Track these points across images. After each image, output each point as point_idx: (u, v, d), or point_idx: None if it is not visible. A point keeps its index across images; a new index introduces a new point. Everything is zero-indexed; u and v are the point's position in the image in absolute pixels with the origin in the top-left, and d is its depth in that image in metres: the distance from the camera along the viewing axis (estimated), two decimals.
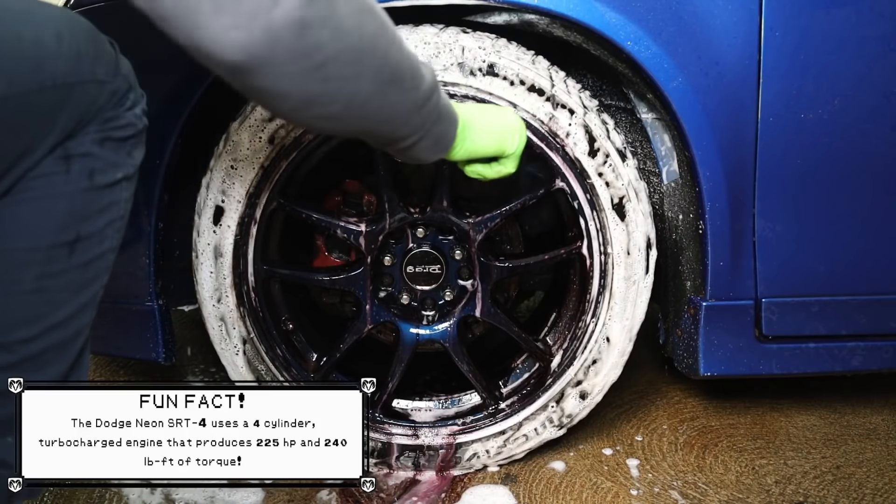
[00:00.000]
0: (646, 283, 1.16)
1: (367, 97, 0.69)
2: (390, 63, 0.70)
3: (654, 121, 1.17)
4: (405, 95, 0.74)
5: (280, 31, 0.57)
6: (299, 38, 0.58)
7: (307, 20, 0.58)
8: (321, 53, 0.61)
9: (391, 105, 0.72)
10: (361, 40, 0.64)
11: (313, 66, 0.61)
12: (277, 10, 0.56)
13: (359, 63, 0.65)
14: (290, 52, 0.59)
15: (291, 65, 0.60)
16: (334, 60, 0.63)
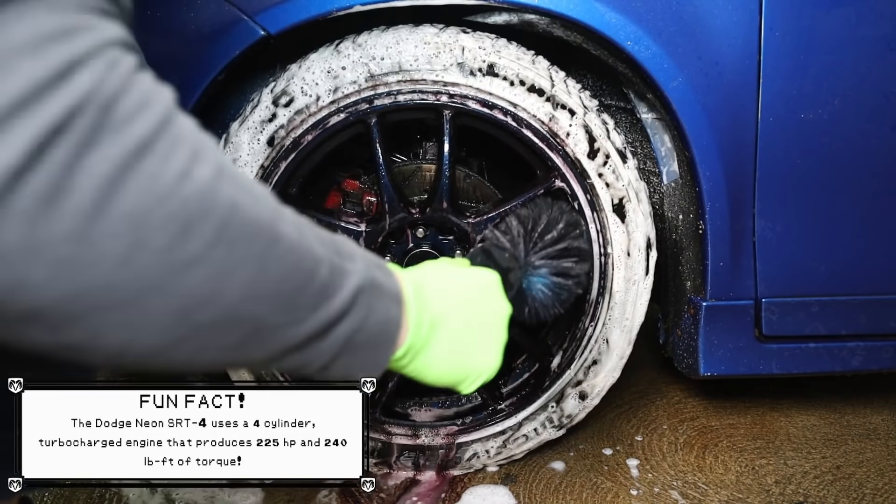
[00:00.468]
0: (646, 285, 1.16)
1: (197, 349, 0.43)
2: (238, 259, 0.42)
3: (654, 121, 1.17)
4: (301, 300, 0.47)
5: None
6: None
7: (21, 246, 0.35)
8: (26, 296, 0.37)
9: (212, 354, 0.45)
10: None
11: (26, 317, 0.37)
12: None
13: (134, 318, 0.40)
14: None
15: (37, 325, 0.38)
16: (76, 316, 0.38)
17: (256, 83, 1.16)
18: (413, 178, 1.25)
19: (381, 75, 1.05)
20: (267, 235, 0.43)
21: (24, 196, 0.34)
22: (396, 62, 1.04)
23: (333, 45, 1.06)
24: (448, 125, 1.10)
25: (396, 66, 1.04)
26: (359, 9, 1.02)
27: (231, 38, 1.02)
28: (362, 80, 1.05)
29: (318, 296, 0.48)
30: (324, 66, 1.05)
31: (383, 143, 1.10)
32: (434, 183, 1.17)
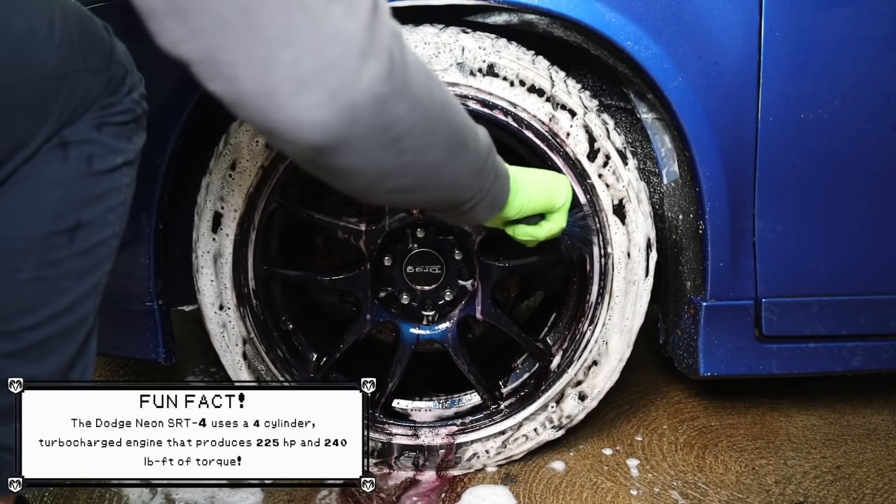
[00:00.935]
0: (645, 286, 1.16)
1: (437, 165, 0.69)
2: (456, 129, 0.70)
3: (654, 121, 1.17)
4: (469, 159, 0.74)
5: (361, 107, 0.56)
6: (379, 114, 0.57)
7: (386, 95, 0.57)
8: (399, 127, 0.60)
9: (458, 170, 0.73)
10: (433, 110, 0.64)
11: (391, 140, 0.60)
12: (359, 86, 0.55)
13: (432, 132, 0.65)
14: (371, 127, 0.58)
15: (371, 141, 0.59)
16: (410, 132, 0.62)
17: None
18: None
19: None
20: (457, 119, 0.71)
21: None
22: None
23: None
24: None
25: None
26: None
27: None
28: None
29: (477, 140, 0.76)
30: None
31: None
32: None
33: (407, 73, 0.59)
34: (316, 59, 0.53)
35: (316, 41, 0.52)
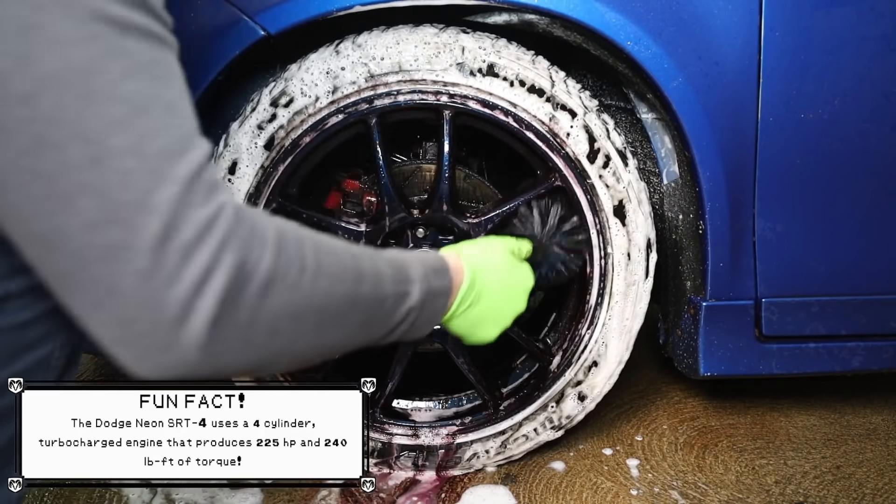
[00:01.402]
0: (645, 288, 1.16)
1: (326, 350, 0.65)
2: (338, 306, 0.62)
3: (654, 121, 1.17)
4: (373, 325, 0.69)
5: (176, 368, 0.52)
6: (201, 368, 0.53)
7: (203, 359, 0.52)
8: (236, 366, 0.56)
9: (344, 339, 0.66)
10: (284, 343, 0.58)
11: (234, 372, 0.57)
12: (174, 351, 0.51)
13: (298, 328, 0.59)
14: (201, 373, 0.54)
15: (227, 371, 0.56)
16: (257, 366, 0.58)
17: (257, 83, 1.16)
18: (413, 178, 1.25)
19: (381, 75, 1.05)
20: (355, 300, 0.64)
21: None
22: (396, 62, 1.04)
23: (333, 46, 1.06)
24: (448, 125, 1.10)
25: (396, 67, 1.04)
26: (359, 9, 1.02)
27: (231, 37, 1.02)
28: (362, 80, 1.05)
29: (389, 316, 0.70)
30: (323, 66, 1.05)
31: (383, 144, 1.10)
32: (434, 183, 1.17)
33: (242, 326, 0.54)
34: (121, 329, 0.51)
35: (121, 315, 0.50)
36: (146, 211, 0.49)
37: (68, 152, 0.48)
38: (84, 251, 0.49)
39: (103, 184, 0.48)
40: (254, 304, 0.54)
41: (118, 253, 0.49)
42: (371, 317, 0.67)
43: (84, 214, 0.48)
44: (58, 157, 0.47)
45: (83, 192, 0.48)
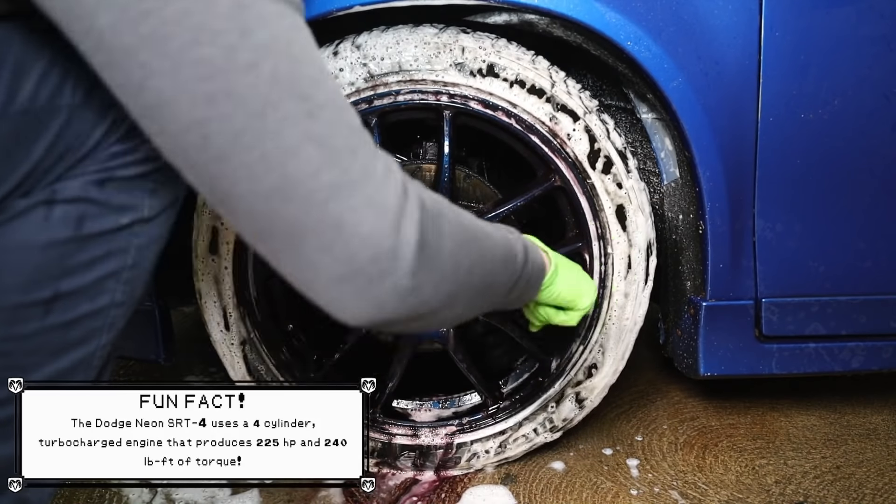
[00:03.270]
0: (645, 293, 1.16)
1: (475, 308, 0.75)
2: (488, 280, 0.73)
3: (654, 121, 1.17)
4: (502, 287, 0.78)
5: (387, 301, 0.60)
6: (405, 304, 0.61)
7: (411, 287, 0.61)
8: (426, 307, 0.64)
9: (492, 299, 0.78)
10: (461, 280, 0.68)
11: (419, 316, 0.65)
12: (384, 284, 0.59)
13: (462, 298, 0.69)
14: (400, 313, 0.62)
15: (406, 321, 0.64)
16: (438, 309, 0.66)
17: None
18: (413, 178, 1.25)
19: (381, 76, 1.05)
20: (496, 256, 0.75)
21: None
22: (396, 62, 1.04)
23: (332, 46, 1.06)
24: (448, 125, 1.10)
25: (396, 67, 1.04)
26: (358, 9, 1.02)
27: None
28: (361, 80, 1.05)
29: (512, 264, 0.79)
30: (326, 64, 1.05)
31: (383, 144, 1.10)
32: (434, 183, 1.17)
33: (437, 258, 0.63)
34: (345, 265, 0.58)
35: (346, 251, 0.57)
36: (355, 154, 0.58)
37: (289, 108, 0.55)
38: (313, 194, 0.56)
39: (320, 132, 0.56)
40: (437, 229, 0.63)
41: (340, 191, 0.56)
42: (506, 260, 0.77)
43: (310, 161, 0.55)
44: (281, 114, 0.54)
45: (307, 142, 0.55)
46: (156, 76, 0.52)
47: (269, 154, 0.55)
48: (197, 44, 0.52)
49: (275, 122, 0.54)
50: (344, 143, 0.58)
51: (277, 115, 0.54)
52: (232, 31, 0.53)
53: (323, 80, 0.58)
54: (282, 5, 0.57)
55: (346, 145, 0.58)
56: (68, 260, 0.62)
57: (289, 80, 0.55)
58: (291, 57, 0.56)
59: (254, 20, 0.54)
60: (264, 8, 0.55)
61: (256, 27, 0.54)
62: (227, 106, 0.53)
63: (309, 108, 0.56)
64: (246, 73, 0.53)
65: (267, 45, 0.54)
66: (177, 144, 0.55)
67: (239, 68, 0.53)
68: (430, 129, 1.27)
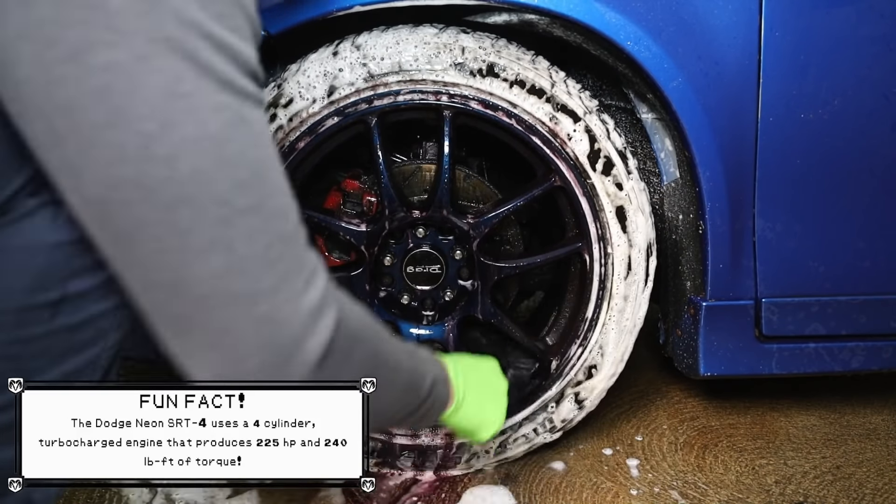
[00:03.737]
0: (645, 295, 1.16)
1: (390, 399, 0.76)
2: (382, 407, 0.74)
3: (654, 121, 1.17)
4: (396, 414, 0.79)
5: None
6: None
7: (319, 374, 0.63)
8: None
9: (382, 421, 0.78)
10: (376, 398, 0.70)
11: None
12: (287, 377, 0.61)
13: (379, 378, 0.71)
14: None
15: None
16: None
17: None
18: (413, 178, 1.25)
19: (381, 76, 1.05)
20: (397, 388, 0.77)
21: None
22: (396, 62, 1.04)
23: (332, 46, 1.06)
24: (448, 125, 1.10)
25: (396, 67, 1.04)
26: (358, 9, 1.02)
27: None
28: (361, 80, 1.05)
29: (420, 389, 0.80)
30: (322, 66, 1.05)
31: (383, 144, 1.10)
32: (434, 183, 1.17)
33: (334, 375, 0.64)
34: (231, 366, 0.58)
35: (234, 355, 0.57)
36: (270, 266, 0.56)
37: (203, 210, 0.52)
38: (209, 298, 0.54)
39: (231, 240, 0.54)
40: (346, 352, 0.64)
41: (238, 302, 0.55)
42: (407, 391, 0.78)
43: (213, 266, 0.54)
44: (193, 214, 0.52)
45: (214, 247, 0.53)
46: (65, 145, 0.50)
47: (169, 250, 0.53)
48: (111, 126, 0.49)
49: (184, 220, 0.52)
50: (259, 253, 0.55)
51: (188, 214, 0.52)
52: (152, 120, 0.50)
53: (256, 183, 0.55)
54: (227, 97, 0.53)
55: (260, 256, 0.55)
56: (75, 261, 0.60)
57: (209, 181, 0.52)
58: (219, 157, 0.53)
59: (182, 112, 0.51)
60: (201, 100, 0.52)
61: (184, 120, 0.51)
62: (132, 194, 0.51)
63: (225, 214, 0.53)
64: (160, 166, 0.50)
65: (191, 140, 0.51)
66: (80, 211, 0.53)
67: (153, 160, 0.50)
68: (429, 129, 1.27)
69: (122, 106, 0.49)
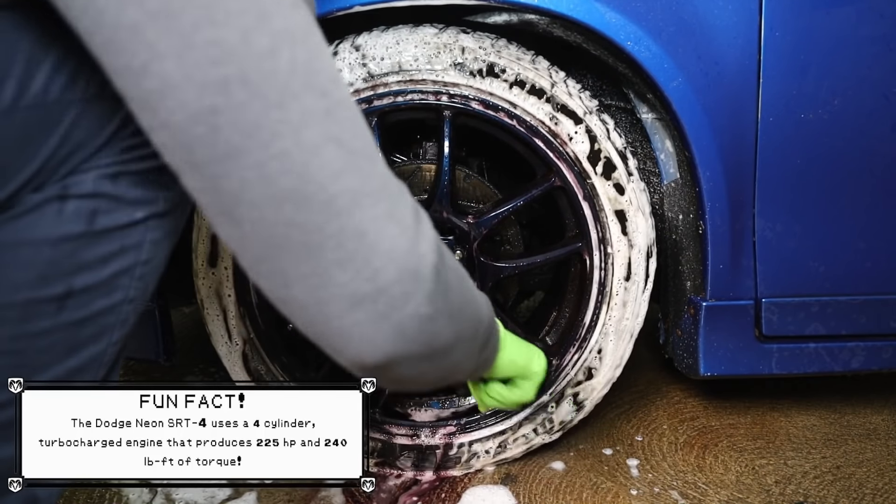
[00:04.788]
0: (644, 296, 1.16)
1: (461, 361, 0.71)
2: (475, 323, 0.71)
3: (654, 121, 1.17)
4: (477, 343, 0.75)
5: (408, 327, 0.57)
6: (423, 331, 0.59)
7: (430, 314, 0.58)
8: (438, 341, 0.62)
9: (469, 357, 0.74)
10: (465, 319, 0.67)
11: (431, 353, 0.63)
12: (407, 308, 0.56)
13: (462, 341, 0.68)
14: (415, 344, 0.59)
15: (415, 357, 0.61)
16: (446, 348, 0.64)
17: None
18: (413, 178, 1.25)
19: (381, 76, 1.05)
20: (475, 310, 0.72)
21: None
22: (396, 62, 1.04)
23: (332, 46, 1.06)
24: (448, 125, 1.10)
25: (396, 67, 1.04)
26: (358, 9, 1.02)
27: None
28: (361, 80, 1.05)
29: (484, 323, 0.75)
30: None
31: (383, 144, 1.10)
32: (434, 183, 1.17)
33: (447, 288, 0.61)
34: (368, 282, 0.54)
35: (369, 266, 0.54)
36: (373, 161, 0.54)
37: (310, 104, 0.51)
38: (335, 199, 0.52)
39: (339, 133, 0.52)
40: (443, 257, 0.61)
41: (362, 199, 0.52)
42: (480, 308, 0.74)
43: (331, 163, 0.51)
44: (301, 108, 0.50)
45: (328, 141, 0.51)
46: (162, 58, 0.47)
47: (288, 152, 0.50)
48: (210, 23, 0.47)
49: (295, 115, 0.50)
50: (363, 148, 0.54)
51: (297, 109, 0.50)
52: (249, 13, 0.48)
53: (339, 78, 0.54)
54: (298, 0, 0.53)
55: (364, 151, 0.54)
56: (81, 256, 0.60)
57: (308, 72, 0.51)
58: (311, 48, 0.52)
59: (272, 4, 0.50)
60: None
61: (275, 12, 0.50)
62: (242, 94, 0.48)
63: (328, 106, 0.52)
64: (264, 59, 0.49)
65: (287, 31, 0.50)
66: (180, 139, 0.49)
67: (256, 53, 0.48)
68: (429, 129, 1.27)
69: (217, 1, 0.47)
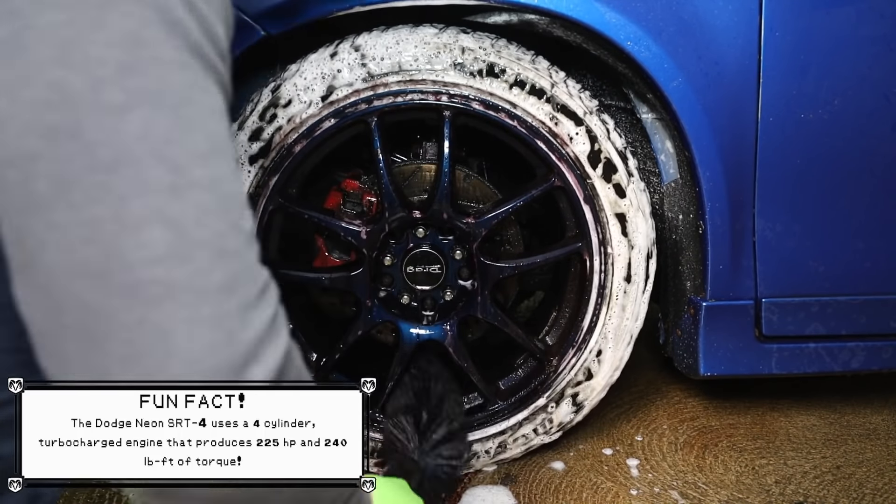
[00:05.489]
0: (644, 297, 1.16)
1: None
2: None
3: (654, 121, 1.17)
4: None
5: None
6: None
7: None
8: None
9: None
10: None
11: None
12: None
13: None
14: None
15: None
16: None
17: (258, 83, 1.16)
18: (413, 178, 1.25)
19: (381, 76, 1.05)
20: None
21: None
22: (396, 62, 1.04)
23: (331, 47, 1.06)
24: (448, 125, 1.10)
25: (396, 67, 1.04)
26: (358, 9, 1.02)
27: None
28: (360, 81, 1.05)
29: None
30: (322, 67, 1.05)
31: (383, 144, 1.10)
32: (434, 183, 1.17)
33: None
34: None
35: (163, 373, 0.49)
36: (220, 258, 0.46)
37: (149, 175, 0.44)
38: (142, 287, 0.44)
39: (179, 216, 0.44)
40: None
41: (181, 296, 0.45)
42: None
43: (153, 245, 0.44)
44: (136, 177, 0.43)
45: (156, 221, 0.44)
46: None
47: (99, 220, 0.43)
48: (60, 64, 0.42)
49: (125, 183, 0.43)
50: (209, 240, 0.46)
51: (130, 177, 0.43)
52: (109, 64, 0.43)
53: (212, 159, 0.47)
54: (194, 60, 0.47)
55: (211, 243, 0.46)
56: None
57: (164, 141, 0.44)
58: (178, 117, 0.45)
59: (144, 61, 0.44)
60: (165, 54, 0.45)
61: (144, 69, 0.44)
62: (68, 146, 0.42)
63: (176, 183, 0.44)
64: (109, 115, 0.43)
65: (151, 92, 0.44)
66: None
67: (102, 107, 0.43)
68: (429, 129, 1.27)
69: (77, 42, 0.42)
